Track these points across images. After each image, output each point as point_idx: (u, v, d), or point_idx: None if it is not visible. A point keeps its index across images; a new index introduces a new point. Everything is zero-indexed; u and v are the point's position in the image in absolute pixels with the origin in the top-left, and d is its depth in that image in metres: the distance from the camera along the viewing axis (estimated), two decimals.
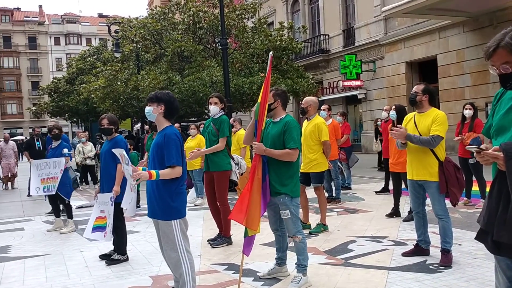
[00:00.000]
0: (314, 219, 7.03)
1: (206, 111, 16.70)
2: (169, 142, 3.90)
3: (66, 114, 35.30)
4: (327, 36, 25.17)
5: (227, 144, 6.27)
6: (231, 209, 6.14)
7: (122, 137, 5.99)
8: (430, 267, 4.84)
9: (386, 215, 7.45)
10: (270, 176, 4.45)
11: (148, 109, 4.07)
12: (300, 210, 6.78)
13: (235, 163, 6.48)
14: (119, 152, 4.08)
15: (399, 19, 20.06)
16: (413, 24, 19.55)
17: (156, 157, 3.97)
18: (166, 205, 3.92)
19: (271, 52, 4.77)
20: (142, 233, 7.26)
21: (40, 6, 69.58)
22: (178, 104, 4.24)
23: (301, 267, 4.50)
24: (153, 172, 3.79)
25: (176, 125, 4.07)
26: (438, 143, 4.80)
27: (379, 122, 12.79)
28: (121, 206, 5.43)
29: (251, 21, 19.53)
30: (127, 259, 5.71)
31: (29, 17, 67.55)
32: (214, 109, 6.19)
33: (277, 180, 4.45)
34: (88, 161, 13.71)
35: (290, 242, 4.57)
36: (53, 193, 7.74)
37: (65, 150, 7.95)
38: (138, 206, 9.20)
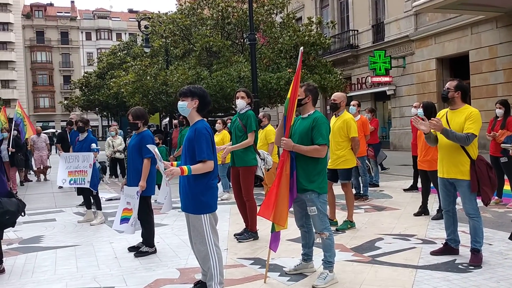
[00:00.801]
0: (341, 216, 7.00)
1: (233, 106, 16.74)
2: (199, 136, 3.93)
3: (97, 108, 35.89)
4: (356, 32, 24.91)
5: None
6: (257, 204, 6.20)
7: (149, 132, 6.00)
8: (460, 266, 4.76)
9: (415, 214, 7.35)
10: (297, 172, 4.44)
11: (182, 104, 4.08)
12: (327, 207, 6.77)
13: (261, 159, 6.48)
14: (152, 148, 4.16)
15: (430, 14, 19.70)
16: (445, 20, 19.18)
17: (187, 152, 4.01)
18: (196, 199, 3.97)
19: (301, 48, 4.74)
20: (170, 226, 7.35)
21: (72, 2, 70.89)
22: (209, 105, 4.25)
23: (328, 263, 4.49)
24: (185, 167, 3.84)
25: None
26: (471, 141, 4.69)
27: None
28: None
29: (279, 17, 19.46)
30: (155, 252, 5.79)
31: (61, 12, 68.90)
32: (241, 104, 6.19)
33: (305, 177, 4.43)
34: (117, 154, 13.94)
35: (317, 238, 4.56)
36: (83, 185, 7.92)
37: (93, 145, 8.09)
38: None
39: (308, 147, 4.40)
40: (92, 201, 8.17)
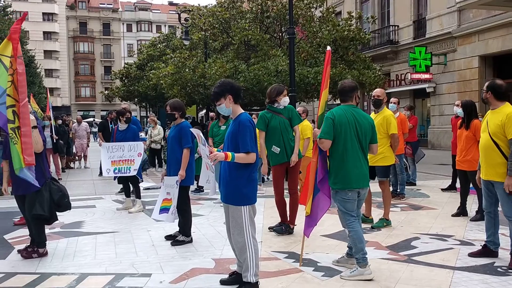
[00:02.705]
0: (377, 214, 6.94)
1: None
2: (244, 129, 4.01)
3: (136, 99, 36.57)
4: (396, 27, 24.49)
5: None
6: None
7: (187, 123, 6.10)
8: (498, 269, 4.67)
9: (453, 215, 7.22)
10: None
11: (220, 107, 4.14)
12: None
13: None
14: (196, 132, 4.25)
15: (474, 11, 19.16)
16: (489, 16, 18.62)
17: (230, 145, 4.09)
18: (237, 191, 4.04)
19: (328, 47, 4.87)
20: (206, 217, 7.46)
21: None
22: (242, 90, 4.29)
23: (356, 259, 4.52)
24: (229, 153, 3.94)
25: None
26: None
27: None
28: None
29: (319, 11, 19.32)
30: (191, 241, 5.90)
31: (104, 4, 70.27)
32: (288, 100, 6.25)
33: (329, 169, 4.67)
34: (153, 145, 14.15)
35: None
36: (128, 174, 7.96)
37: (142, 135, 8.22)
38: (201, 190, 9.43)
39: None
40: (131, 189, 8.35)
